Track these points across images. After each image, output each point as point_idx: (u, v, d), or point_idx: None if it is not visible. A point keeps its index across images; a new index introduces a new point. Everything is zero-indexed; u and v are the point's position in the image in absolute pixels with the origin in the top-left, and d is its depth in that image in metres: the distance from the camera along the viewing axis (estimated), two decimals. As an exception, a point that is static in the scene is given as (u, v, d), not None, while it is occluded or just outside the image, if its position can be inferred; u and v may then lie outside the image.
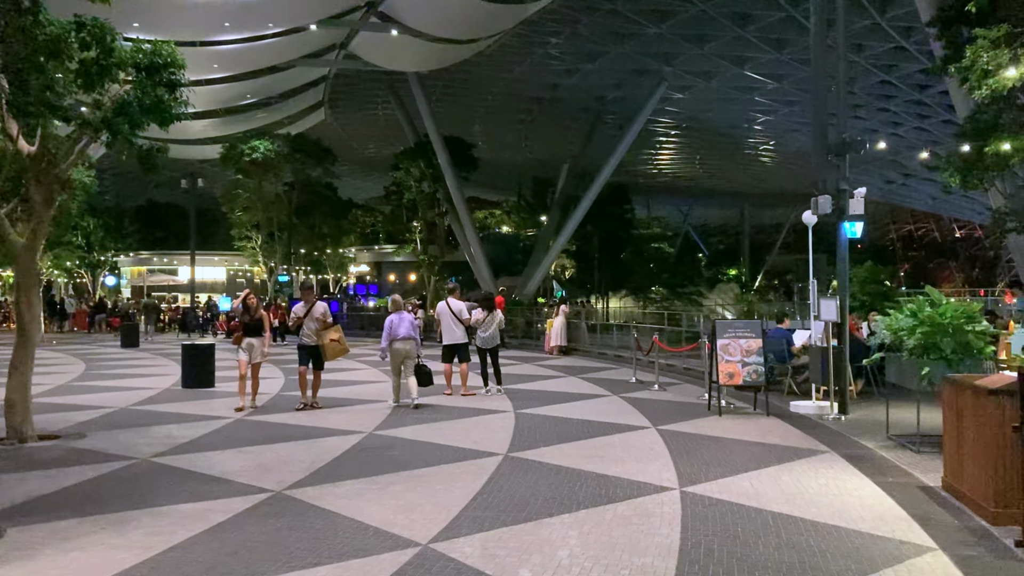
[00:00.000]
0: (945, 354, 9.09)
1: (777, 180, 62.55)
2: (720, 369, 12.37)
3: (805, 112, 42.00)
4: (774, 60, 34.37)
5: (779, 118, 43.61)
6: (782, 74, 36.45)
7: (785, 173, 59.50)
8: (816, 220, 13.03)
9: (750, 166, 58.18)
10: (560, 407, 13.16)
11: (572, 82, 38.82)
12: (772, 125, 45.36)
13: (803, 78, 36.32)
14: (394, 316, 13.68)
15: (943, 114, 38.29)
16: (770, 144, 50.71)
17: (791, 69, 35.36)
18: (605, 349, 24.04)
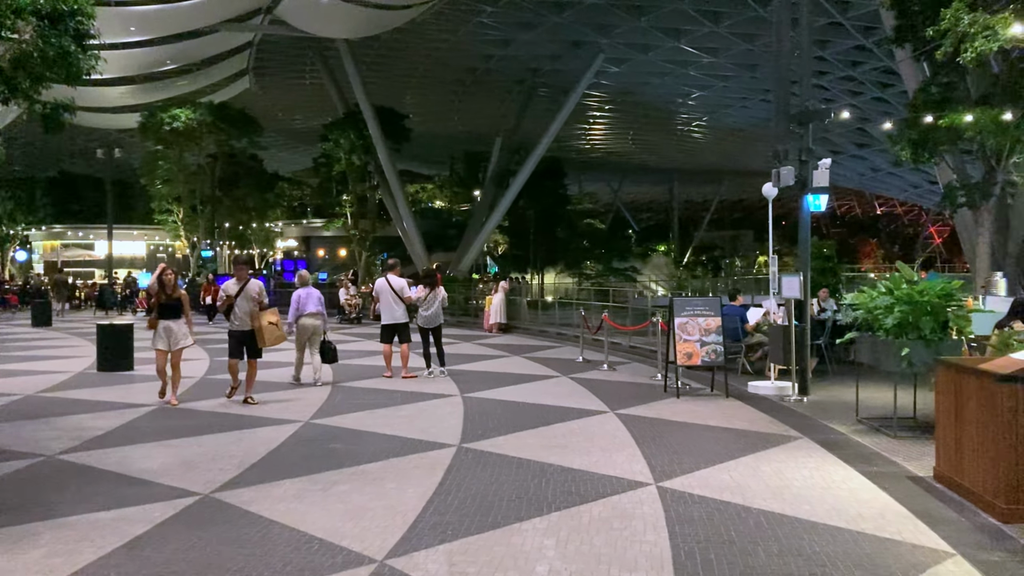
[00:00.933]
0: (924, 333, 8.61)
1: (708, 156, 62.74)
2: (678, 349, 11.78)
3: (740, 87, 41.97)
4: (711, 33, 33.95)
5: (713, 93, 43.39)
6: (718, 48, 36.09)
7: (716, 149, 59.68)
8: (776, 192, 12.48)
9: (682, 142, 58.10)
10: (510, 390, 12.43)
11: (507, 53, 37.85)
12: (706, 101, 45.16)
13: (739, 52, 36.13)
14: (301, 291, 13.55)
15: (873, 91, 38.57)
16: (703, 120, 50.59)
17: (727, 43, 35.02)
18: (546, 327, 23.41)
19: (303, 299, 13.42)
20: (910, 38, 15.89)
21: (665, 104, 46.75)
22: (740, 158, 61.78)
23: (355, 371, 14.77)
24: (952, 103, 15.01)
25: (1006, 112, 13.76)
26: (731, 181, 74.95)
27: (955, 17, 8.85)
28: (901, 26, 15.92)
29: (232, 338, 11.58)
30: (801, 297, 11.39)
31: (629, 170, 69.77)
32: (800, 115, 11.66)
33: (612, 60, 38.10)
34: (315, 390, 12.55)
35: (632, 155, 63.30)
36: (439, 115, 48.59)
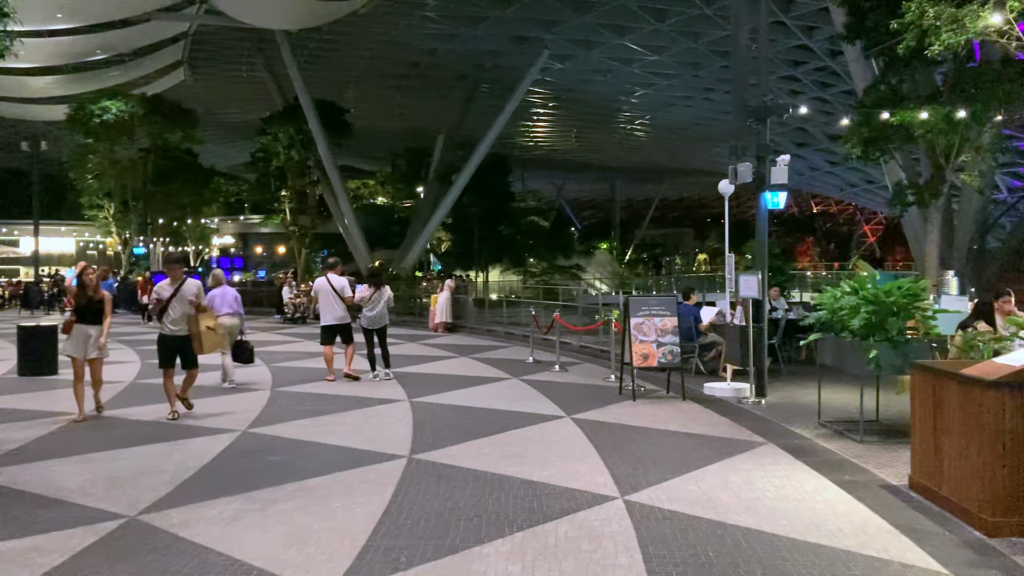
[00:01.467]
0: (891, 335, 8.35)
1: (650, 155, 62.92)
2: (634, 350, 11.40)
3: (684, 86, 42.00)
4: (655, 31, 33.83)
5: (656, 91, 43.37)
6: (662, 46, 36.01)
7: (658, 148, 59.85)
8: (733, 189, 12.18)
9: (625, 140, 58.17)
10: (459, 394, 11.92)
11: (451, 47, 37.26)
12: (649, 99, 45.13)
13: (683, 51, 36.10)
14: (217, 291, 13.18)
15: (814, 91, 38.91)
16: (646, 118, 50.62)
17: (671, 41, 34.96)
18: (494, 326, 22.94)
19: (218, 299, 13.09)
20: (861, 35, 15.80)
21: (609, 102, 46.64)
22: (682, 157, 62.14)
23: (295, 374, 14.12)
24: (904, 101, 14.94)
25: (959, 111, 13.70)
26: (672, 180, 75.47)
27: (920, 10, 8.63)
28: (852, 23, 15.82)
29: (162, 345, 10.27)
30: (759, 296, 11.11)
31: (572, 168, 69.72)
32: (758, 110, 11.38)
33: (557, 56, 37.80)
34: (253, 395, 11.88)
35: (575, 153, 63.22)
36: (381, 110, 47.78)
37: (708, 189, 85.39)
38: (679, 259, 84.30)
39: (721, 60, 36.38)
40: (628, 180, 75.96)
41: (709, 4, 30.33)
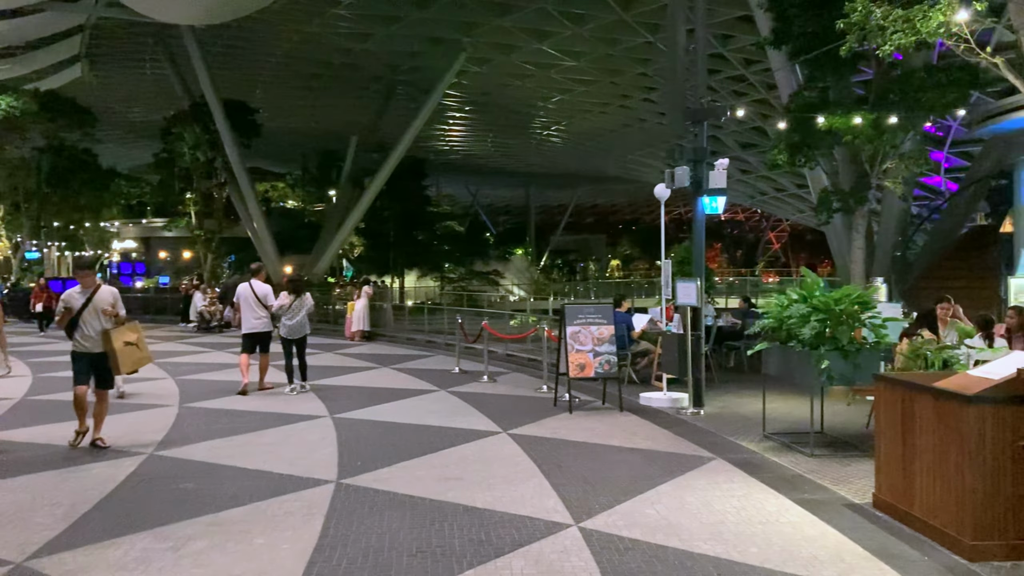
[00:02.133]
0: (842, 344, 8.06)
1: (565, 161, 62.95)
2: (570, 360, 10.92)
3: (601, 93, 41.99)
4: (574, 36, 33.63)
5: (573, 97, 43.27)
6: (580, 51, 35.87)
7: (573, 154, 59.90)
8: (669, 194, 11.84)
9: (541, 146, 58.00)
10: (385, 408, 11.23)
11: (366, 48, 36.30)
12: (566, 105, 45.01)
13: (600, 57, 36.02)
14: None
15: (726, 100, 39.36)
16: (562, 124, 50.53)
17: (589, 46, 34.83)
18: (414, 334, 22.21)
19: None
20: (788, 40, 15.74)
21: (526, 107, 46.33)
22: (596, 164, 62.37)
23: (206, 388, 13.17)
24: (830, 107, 14.91)
25: (891, 116, 13.71)
26: (586, 186, 75.87)
27: (866, 10, 8.41)
28: (779, 28, 15.74)
29: (79, 361, 8.86)
30: (697, 304, 10.76)
31: (488, 173, 69.33)
32: (695, 113, 11.05)
33: (475, 60, 37.25)
34: (158, 412, 10.95)
35: (491, 158, 62.82)
36: (292, 111, 46.43)
37: (620, 196, 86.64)
38: (592, 265, 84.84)
39: (639, 67, 36.47)
40: (543, 186, 76.04)
41: (628, 10, 30.28)
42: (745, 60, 34.40)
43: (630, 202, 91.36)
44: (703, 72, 11.57)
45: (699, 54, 11.60)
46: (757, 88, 38.12)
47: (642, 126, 46.73)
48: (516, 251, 71.16)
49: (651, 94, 40.46)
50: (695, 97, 11.20)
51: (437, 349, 19.62)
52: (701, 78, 11.47)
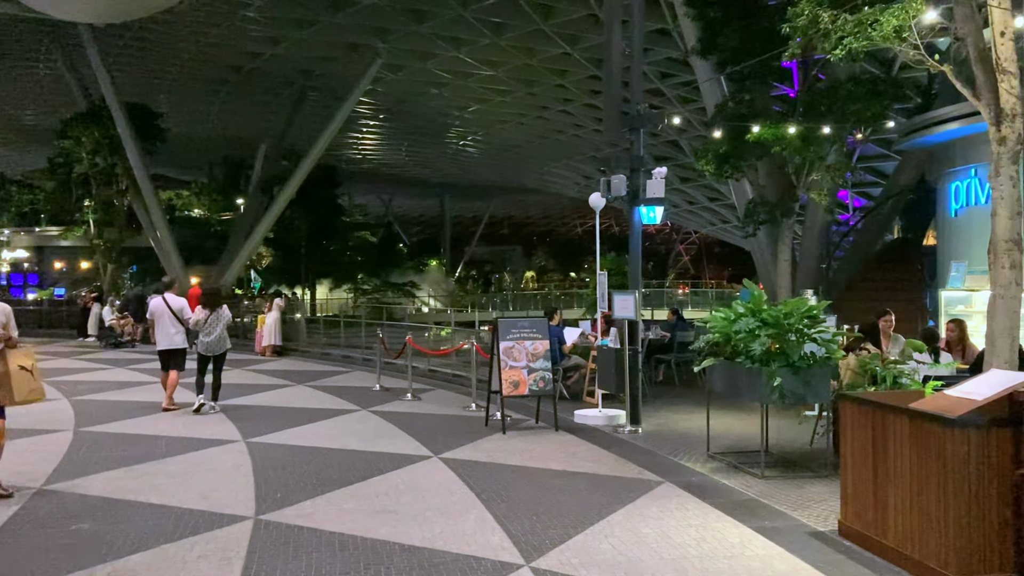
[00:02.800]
0: (792, 360, 7.72)
1: (481, 172, 62.54)
2: (503, 377, 10.36)
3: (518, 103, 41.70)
4: (491, 45, 33.23)
5: (490, 107, 42.88)
6: (497, 61, 35.50)
7: (489, 165, 59.55)
8: (604, 203, 11.40)
9: (456, 156, 57.44)
10: (304, 431, 10.45)
11: (276, 52, 35.12)
12: (482, 115, 44.59)
13: (518, 67, 35.71)
14: None
15: (644, 112, 39.56)
16: (479, 134, 50.10)
17: (507, 56, 34.48)
18: (329, 348, 21.29)
19: None
20: (714, 51, 15.60)
21: (442, 116, 45.72)
22: (512, 175, 62.18)
23: (104, 410, 12.11)
24: (758, 117, 14.79)
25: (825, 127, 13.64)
26: (502, 198, 75.64)
27: (812, 14, 8.16)
28: (706, 38, 15.59)
29: None
30: (635, 317, 10.34)
31: (402, 183, 68.36)
32: (631, 119, 10.66)
33: (390, 67, 36.46)
34: (49, 439, 9.93)
35: (405, 168, 61.92)
36: (198, 116, 44.69)
37: (536, 208, 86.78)
38: (508, 276, 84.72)
39: (556, 79, 36.35)
40: (458, 196, 75.47)
41: (547, 20, 30.05)
42: (661, 73, 34.64)
43: (545, 214, 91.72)
44: (639, 78, 11.16)
45: (635, 59, 11.18)
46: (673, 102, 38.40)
47: (559, 138, 46.68)
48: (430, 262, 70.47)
49: (568, 105, 40.41)
50: (632, 103, 10.76)
51: (355, 365, 18.80)
52: (637, 84, 11.04)
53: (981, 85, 7.84)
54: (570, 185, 61.53)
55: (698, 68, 17.34)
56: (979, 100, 7.83)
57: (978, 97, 7.84)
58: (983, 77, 7.81)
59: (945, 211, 14.72)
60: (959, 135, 13.66)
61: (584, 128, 43.84)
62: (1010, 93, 7.57)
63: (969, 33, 7.94)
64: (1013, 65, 7.54)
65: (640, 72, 11.30)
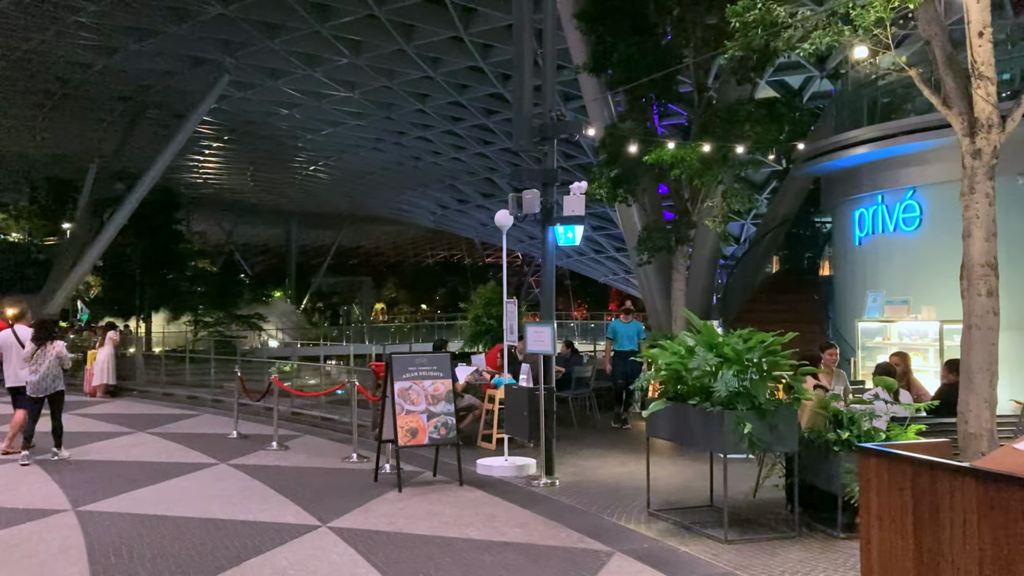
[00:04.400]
0: (758, 402, 6.62)
1: (331, 199, 60.23)
2: (398, 424, 8.79)
3: (374, 128, 40.10)
4: (350, 65, 31.57)
5: (344, 131, 41.04)
6: (355, 82, 33.85)
7: (339, 192, 57.37)
8: (512, 222, 10.10)
9: (306, 182, 54.98)
10: (150, 493, 8.51)
11: (111, 64, 32.05)
12: (335, 139, 42.67)
13: (376, 89, 34.20)
14: None
15: (504, 142, 38.82)
16: (331, 160, 48.03)
17: (366, 77, 32.88)
18: (173, 388, 18.82)
19: None
20: (607, 67, 14.72)
21: (292, 139, 43.41)
22: (364, 203, 60.25)
23: None
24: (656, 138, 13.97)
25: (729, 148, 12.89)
26: (352, 227, 73.44)
27: (765, 7, 7.23)
28: (599, 53, 14.68)
29: None
30: (552, 351, 9.03)
31: (245, 210, 64.96)
32: (545, 128, 9.43)
33: (237, 84, 34.06)
34: None
35: (250, 193, 58.77)
36: (19, 132, 40.52)
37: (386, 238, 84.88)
38: (357, 308, 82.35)
39: (416, 103, 35.08)
40: (305, 225, 72.69)
41: (409, 40, 28.74)
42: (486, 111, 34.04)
43: (396, 244, 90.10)
44: (552, 82, 9.97)
45: (547, 61, 9.98)
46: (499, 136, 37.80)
47: (416, 165, 45.36)
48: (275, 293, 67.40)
49: (428, 132, 39.20)
50: (544, 110, 9.55)
51: (203, 407, 16.56)
52: (550, 89, 9.84)
53: (951, 92, 7.08)
54: (425, 214, 60.19)
55: (586, 86, 16.43)
56: (949, 109, 7.07)
57: (949, 105, 7.07)
58: (953, 83, 7.07)
59: (847, 239, 14.33)
60: (865, 160, 13.28)
61: (443, 155, 42.73)
62: (986, 101, 6.83)
63: (934, 35, 7.20)
64: (990, 69, 6.81)
65: (553, 75, 10.10)
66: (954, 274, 6.82)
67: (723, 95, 15.21)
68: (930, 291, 11.50)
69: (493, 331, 16.96)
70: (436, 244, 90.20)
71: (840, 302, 14.84)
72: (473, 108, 35.22)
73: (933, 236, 12.17)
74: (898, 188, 12.85)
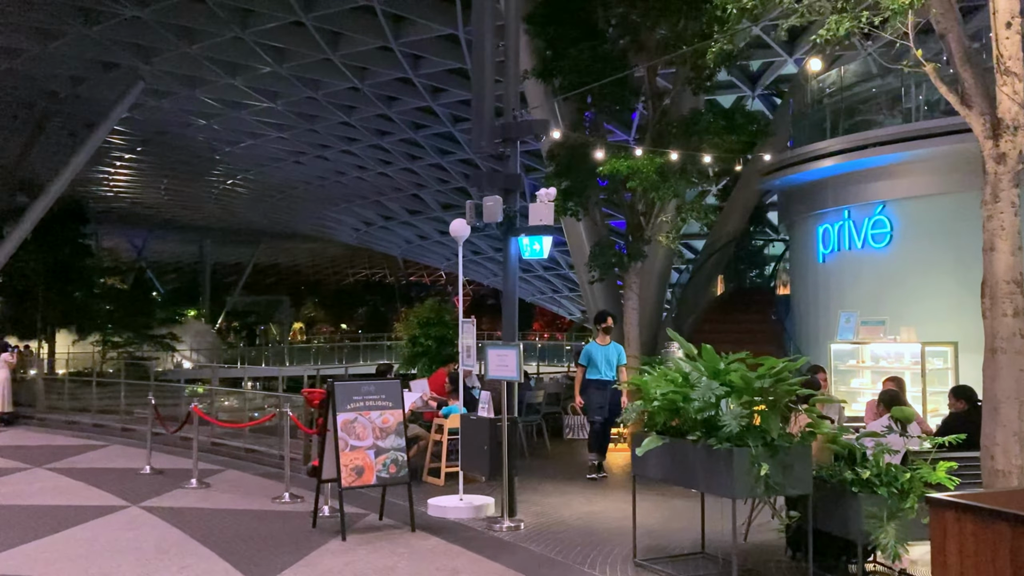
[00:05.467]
0: (771, 438, 5.77)
1: (248, 215, 58.17)
2: (342, 462, 7.66)
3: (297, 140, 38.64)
4: (272, 75, 30.17)
5: (264, 143, 39.44)
6: (278, 91, 32.43)
7: (258, 208, 55.41)
8: (469, 232, 9.10)
9: (222, 197, 52.92)
10: (46, 548, 7.19)
11: (13, 66, 29.92)
12: (256, 151, 40.99)
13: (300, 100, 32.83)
14: None
15: (432, 157, 37.82)
16: (249, 173, 46.24)
17: (289, 87, 31.51)
18: (77, 416, 17.11)
19: None
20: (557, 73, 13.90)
21: (209, 151, 41.54)
22: (283, 220, 58.42)
23: None
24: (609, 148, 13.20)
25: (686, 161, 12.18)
26: (269, 244, 71.33)
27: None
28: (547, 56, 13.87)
29: None
30: (518, 377, 8.03)
31: (157, 225, 62.33)
32: (507, 128, 8.48)
33: (152, 91, 32.26)
34: None
35: (163, 208, 56.34)
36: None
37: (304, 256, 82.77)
38: (274, 328, 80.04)
39: (341, 115, 33.83)
40: (221, 242, 70.27)
41: (336, 50, 27.56)
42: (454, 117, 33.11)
43: (314, 262, 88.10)
44: (516, 79, 9.03)
45: (510, 57, 9.03)
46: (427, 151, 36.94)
47: (341, 180, 44.00)
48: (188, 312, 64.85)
49: (353, 145, 37.95)
50: (507, 110, 8.60)
51: (111, 436, 15.00)
52: (513, 86, 8.90)
53: (970, 90, 6.41)
54: (348, 231, 58.58)
55: (531, 93, 15.58)
56: (969, 109, 6.39)
57: (968, 105, 6.40)
58: (972, 80, 6.40)
59: (808, 257, 13.73)
60: (830, 174, 12.70)
61: (369, 170, 41.48)
62: (1012, 99, 6.17)
63: (950, 29, 6.54)
64: (1019, 64, 6.15)
65: (517, 72, 9.11)
66: (933, 293, 6.33)
67: (677, 105, 14.52)
68: (905, 311, 10.95)
69: (431, 353, 15.92)
70: (357, 262, 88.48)
71: (801, 322, 14.23)
72: (401, 121, 34.17)
73: (906, 253, 11.67)
74: (867, 203, 12.31)
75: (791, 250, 15.54)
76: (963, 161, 10.58)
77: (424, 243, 54.62)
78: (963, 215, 10.92)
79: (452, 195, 42.52)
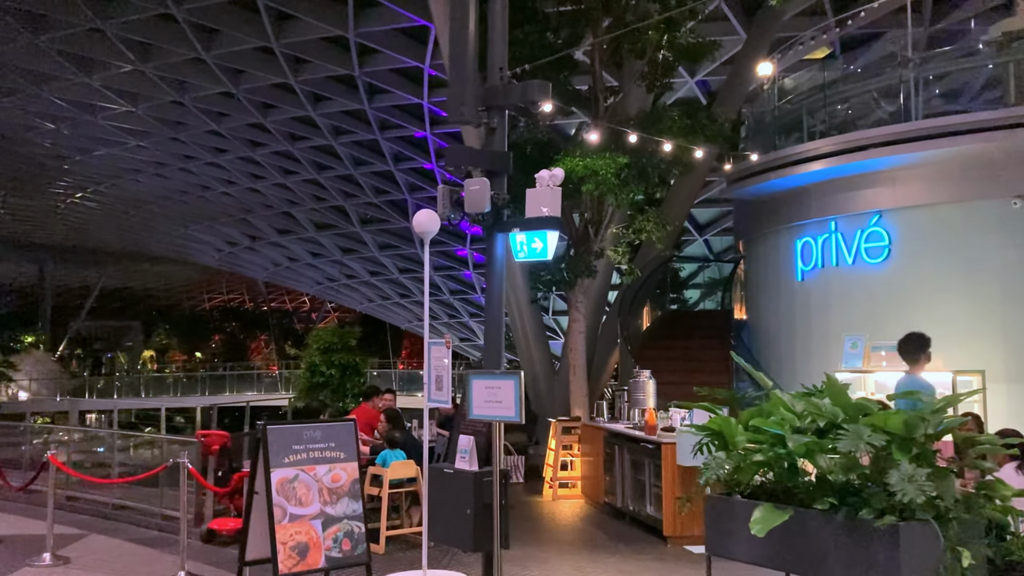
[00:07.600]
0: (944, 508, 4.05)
1: (96, 233, 53.64)
2: (279, 538, 5.46)
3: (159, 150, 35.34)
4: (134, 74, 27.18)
5: (120, 152, 35.97)
6: (139, 94, 29.36)
7: (109, 225, 51.06)
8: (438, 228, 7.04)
9: (68, 212, 48.38)
10: None
11: None
12: (109, 161, 37.40)
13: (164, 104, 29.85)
14: None
15: (309, 172, 35.42)
16: (102, 186, 42.32)
17: (153, 89, 28.51)
18: None
19: None
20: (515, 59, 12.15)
21: (56, 159, 37.64)
22: (138, 238, 54.18)
23: None
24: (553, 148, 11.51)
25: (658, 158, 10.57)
26: (118, 265, 66.43)
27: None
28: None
29: None
30: (519, 418, 6.03)
31: (-13, 245, 56.78)
32: (490, 94, 6.55)
33: (-11, 90, 28.64)
34: None
35: (-1, 225, 51.24)
36: None
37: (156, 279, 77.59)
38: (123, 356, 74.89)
39: (210, 123, 31.02)
40: (63, 262, 65.01)
41: (209, 49, 24.93)
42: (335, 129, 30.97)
43: (167, 286, 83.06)
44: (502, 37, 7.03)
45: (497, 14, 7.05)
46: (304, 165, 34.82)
47: (205, 195, 40.79)
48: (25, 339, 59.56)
49: (220, 157, 35.04)
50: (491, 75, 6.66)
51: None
52: (499, 47, 6.94)
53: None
54: (209, 251, 54.78)
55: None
56: None
57: None
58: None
59: (781, 275, 12.29)
60: (816, 179, 11.31)
61: (237, 185, 38.53)
62: None
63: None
64: None
65: (503, 30, 7.07)
66: (943, 315, 5.08)
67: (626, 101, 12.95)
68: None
69: (333, 383, 13.71)
70: (214, 286, 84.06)
71: (769, 348, 12.71)
72: (277, 132, 31.67)
73: (907, 269, 10.37)
74: (859, 212, 10.97)
75: (751, 269, 14.11)
76: (975, 165, 9.47)
77: (293, 265, 51.61)
78: (975, 226, 9.84)
79: (328, 213, 40.13)
